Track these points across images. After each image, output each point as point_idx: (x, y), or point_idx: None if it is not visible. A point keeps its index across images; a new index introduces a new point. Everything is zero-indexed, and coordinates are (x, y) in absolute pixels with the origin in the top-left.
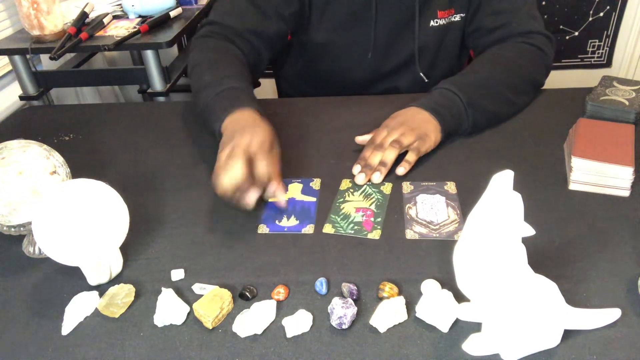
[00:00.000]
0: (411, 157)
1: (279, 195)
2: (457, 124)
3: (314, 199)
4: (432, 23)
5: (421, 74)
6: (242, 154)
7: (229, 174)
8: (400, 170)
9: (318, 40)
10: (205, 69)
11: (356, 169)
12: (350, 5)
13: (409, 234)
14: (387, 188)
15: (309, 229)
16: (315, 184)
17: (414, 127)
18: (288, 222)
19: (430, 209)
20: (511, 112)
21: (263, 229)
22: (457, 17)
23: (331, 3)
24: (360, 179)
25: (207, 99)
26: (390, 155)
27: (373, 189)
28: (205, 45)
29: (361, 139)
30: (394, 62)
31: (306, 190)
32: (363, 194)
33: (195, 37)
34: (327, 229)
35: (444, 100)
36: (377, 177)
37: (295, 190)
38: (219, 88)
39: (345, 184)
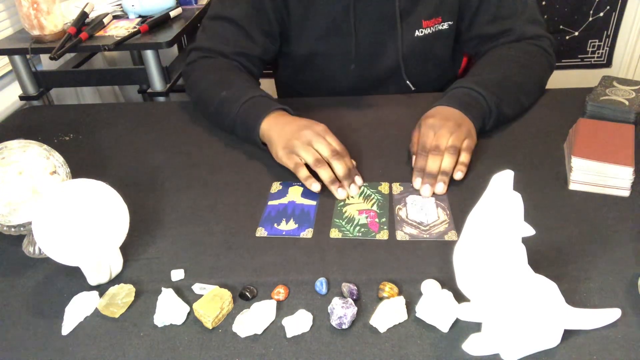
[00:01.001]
0: (466, 157)
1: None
2: (482, 124)
3: (313, 203)
4: (417, 33)
5: (408, 82)
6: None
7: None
8: (459, 175)
9: (301, 52)
10: (218, 86)
11: (417, 182)
12: (330, 17)
13: (399, 235)
14: (385, 188)
15: (307, 233)
16: None
17: (460, 123)
18: (287, 226)
19: (420, 210)
20: (520, 113)
21: (261, 232)
22: (445, 26)
23: (310, 15)
24: (426, 191)
25: (234, 112)
26: (450, 163)
27: (371, 190)
28: (204, 67)
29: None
30: (378, 72)
31: (306, 194)
32: (362, 195)
33: (186, 63)
34: (334, 233)
35: (470, 99)
36: (441, 189)
37: (295, 193)
38: (243, 99)
39: None
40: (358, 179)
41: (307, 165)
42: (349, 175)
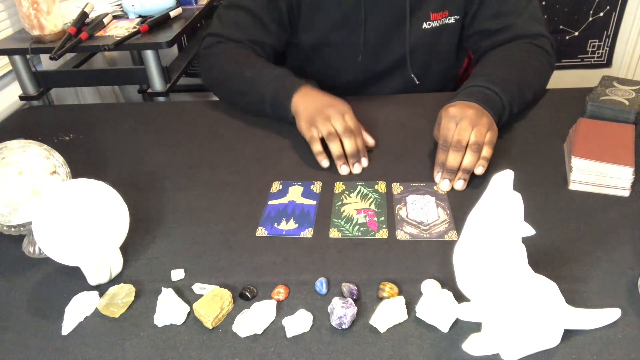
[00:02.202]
0: (488, 152)
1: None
2: (497, 122)
3: (314, 202)
4: (424, 25)
5: (412, 75)
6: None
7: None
8: (480, 170)
9: (309, 43)
10: (240, 67)
11: (437, 176)
12: (340, 8)
13: (400, 235)
14: (382, 186)
15: (307, 233)
16: (316, 186)
17: (481, 113)
18: (287, 226)
19: (420, 210)
20: (523, 112)
21: (261, 231)
22: (452, 20)
23: (320, 6)
24: (444, 186)
25: (262, 90)
26: (472, 161)
27: (368, 189)
28: (222, 50)
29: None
30: (385, 64)
31: (306, 193)
32: (360, 194)
33: (202, 47)
34: (334, 233)
35: (486, 97)
36: (461, 186)
37: (295, 193)
38: (269, 77)
39: (339, 186)
40: (364, 160)
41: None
42: (356, 154)
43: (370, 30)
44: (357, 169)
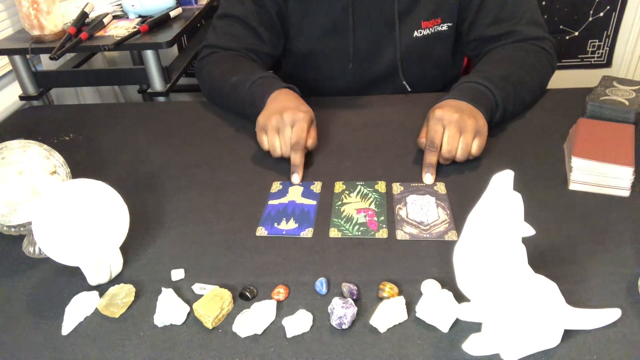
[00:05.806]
0: (477, 153)
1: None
2: (489, 118)
3: (314, 202)
4: (415, 34)
5: (404, 82)
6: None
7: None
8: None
9: (299, 49)
10: (229, 73)
11: (427, 177)
12: (328, 15)
13: (400, 235)
14: (382, 186)
15: (307, 232)
16: (316, 186)
17: (468, 115)
18: (287, 226)
19: (420, 210)
20: (521, 111)
21: (261, 231)
22: (444, 27)
23: (309, 14)
24: (428, 179)
25: (243, 93)
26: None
27: (368, 189)
28: (215, 60)
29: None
30: (376, 72)
31: (306, 193)
32: (360, 194)
33: (197, 60)
34: (334, 233)
35: (479, 93)
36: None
37: (295, 192)
38: (251, 80)
39: (339, 186)
40: (295, 176)
41: None
42: (294, 166)
43: (360, 38)
44: (294, 179)
